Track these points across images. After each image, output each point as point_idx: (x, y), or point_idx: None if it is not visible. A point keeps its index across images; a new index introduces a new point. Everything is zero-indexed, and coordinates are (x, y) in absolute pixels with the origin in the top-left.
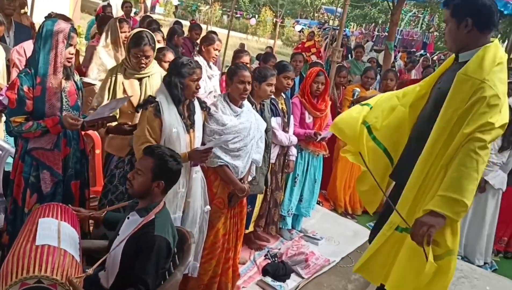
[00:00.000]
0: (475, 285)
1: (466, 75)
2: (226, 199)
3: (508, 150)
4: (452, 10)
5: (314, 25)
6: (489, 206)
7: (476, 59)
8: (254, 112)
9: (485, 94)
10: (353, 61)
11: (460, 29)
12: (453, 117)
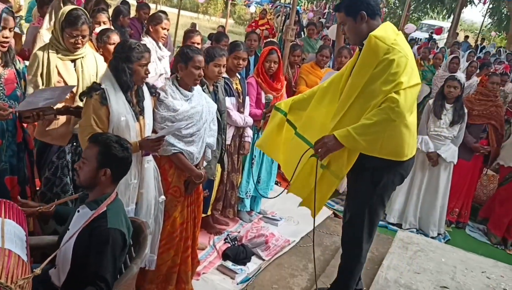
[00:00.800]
0: (431, 258)
1: (376, 37)
2: (182, 187)
3: (458, 124)
4: (346, 11)
5: (265, 3)
6: (442, 179)
7: (380, 28)
8: (204, 94)
9: (394, 56)
10: (306, 39)
11: (358, 23)
12: (365, 76)
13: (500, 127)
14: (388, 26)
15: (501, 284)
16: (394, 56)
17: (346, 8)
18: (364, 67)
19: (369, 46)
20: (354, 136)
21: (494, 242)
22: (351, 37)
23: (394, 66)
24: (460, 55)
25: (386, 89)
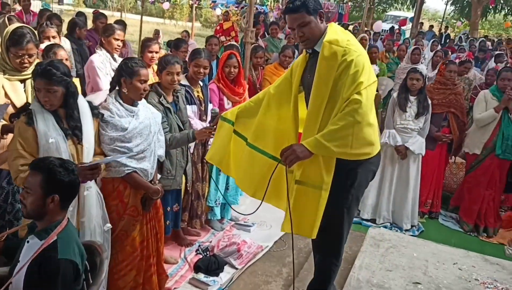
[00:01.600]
0: (403, 253)
1: (330, 43)
2: (139, 206)
3: (423, 115)
4: (307, 11)
5: (231, 4)
6: (411, 171)
7: (331, 32)
8: (148, 105)
9: (352, 57)
10: (270, 39)
11: (318, 22)
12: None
13: (461, 114)
14: (336, 28)
15: (472, 275)
16: (352, 56)
17: (307, 7)
18: (326, 75)
19: (326, 53)
20: (324, 143)
21: (466, 230)
22: (312, 38)
23: (353, 67)
24: (425, 44)
25: (348, 91)
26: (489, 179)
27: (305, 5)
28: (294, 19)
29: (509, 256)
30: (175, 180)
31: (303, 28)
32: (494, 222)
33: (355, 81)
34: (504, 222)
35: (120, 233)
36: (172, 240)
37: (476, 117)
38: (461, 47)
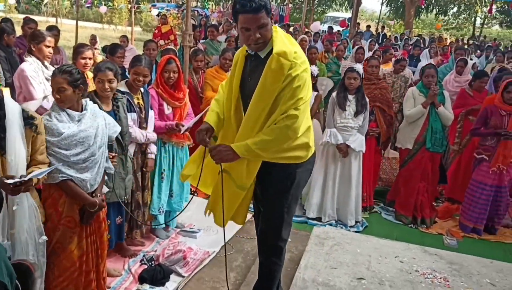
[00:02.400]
0: (347, 250)
1: (278, 55)
2: (77, 217)
3: (362, 113)
4: (267, 12)
5: (172, 8)
6: (353, 168)
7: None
8: (105, 114)
9: (297, 72)
10: (209, 42)
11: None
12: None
13: (387, 108)
14: (281, 35)
15: (413, 266)
16: (297, 71)
17: (267, 8)
18: (271, 87)
19: (273, 66)
20: (255, 151)
21: (406, 222)
22: (265, 40)
23: (296, 81)
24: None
25: (287, 104)
26: (422, 172)
27: (266, 6)
28: (254, 19)
29: (447, 246)
30: (115, 193)
31: (262, 29)
32: (429, 213)
33: (295, 96)
34: (441, 213)
35: (56, 245)
36: (115, 251)
37: (405, 113)
38: (395, 45)
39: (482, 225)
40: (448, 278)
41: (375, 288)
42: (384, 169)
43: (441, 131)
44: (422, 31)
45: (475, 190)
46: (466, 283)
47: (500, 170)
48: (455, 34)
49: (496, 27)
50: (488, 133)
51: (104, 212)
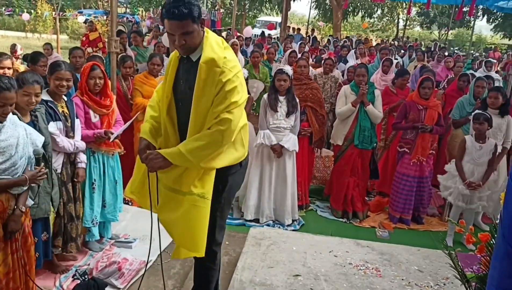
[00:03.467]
0: (284, 249)
1: (206, 64)
2: (0, 232)
3: (293, 114)
4: (192, 19)
5: (99, 14)
6: (288, 168)
7: (208, 48)
8: (25, 125)
9: (228, 77)
10: (135, 48)
11: (200, 30)
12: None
13: (319, 108)
14: (212, 40)
15: (347, 259)
16: (228, 76)
17: (192, 16)
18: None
19: (203, 75)
20: (187, 157)
21: (337, 216)
22: (193, 46)
23: (227, 86)
24: (294, 47)
25: (219, 108)
26: (351, 168)
27: (191, 14)
28: (178, 26)
29: (380, 237)
30: (40, 208)
31: (186, 36)
32: (361, 207)
33: (227, 100)
34: (373, 207)
35: None
36: (45, 268)
37: (337, 111)
38: (324, 47)
39: (409, 215)
40: (380, 268)
41: (311, 284)
42: (318, 168)
43: (370, 129)
44: (350, 33)
45: (399, 182)
46: (396, 271)
47: (420, 161)
48: (381, 35)
49: (417, 29)
50: (407, 127)
51: (29, 226)
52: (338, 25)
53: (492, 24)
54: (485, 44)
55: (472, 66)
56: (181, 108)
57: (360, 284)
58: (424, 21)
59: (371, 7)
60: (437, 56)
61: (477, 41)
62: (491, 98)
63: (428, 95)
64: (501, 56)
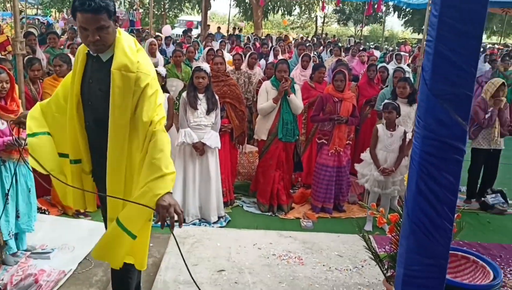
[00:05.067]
0: (208, 246)
1: (120, 70)
2: None
3: (214, 111)
4: (108, 14)
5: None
6: (211, 165)
7: (120, 53)
8: None
9: (146, 82)
10: (50, 50)
11: (114, 27)
12: (127, 112)
13: (238, 104)
14: (124, 43)
15: (270, 251)
16: (146, 81)
17: (108, 10)
18: (123, 104)
19: (118, 82)
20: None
21: (263, 210)
22: (106, 44)
23: (149, 90)
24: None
25: (147, 114)
26: (277, 162)
27: (107, 8)
28: (93, 20)
29: (304, 228)
30: None
31: (101, 31)
32: (286, 199)
33: (152, 104)
34: (297, 199)
35: None
36: None
37: (258, 106)
38: (247, 45)
39: (331, 204)
40: (302, 256)
41: (236, 277)
42: (242, 164)
43: (292, 122)
44: (272, 31)
45: (319, 173)
46: (317, 258)
47: (338, 152)
48: (301, 32)
49: (335, 25)
50: (324, 119)
51: None
52: (259, 23)
53: (402, 19)
54: (397, 39)
55: (384, 59)
56: (89, 106)
57: (283, 274)
58: (340, 18)
59: (290, 5)
60: (351, 51)
61: (390, 36)
62: (399, 88)
63: (341, 87)
64: (411, 49)
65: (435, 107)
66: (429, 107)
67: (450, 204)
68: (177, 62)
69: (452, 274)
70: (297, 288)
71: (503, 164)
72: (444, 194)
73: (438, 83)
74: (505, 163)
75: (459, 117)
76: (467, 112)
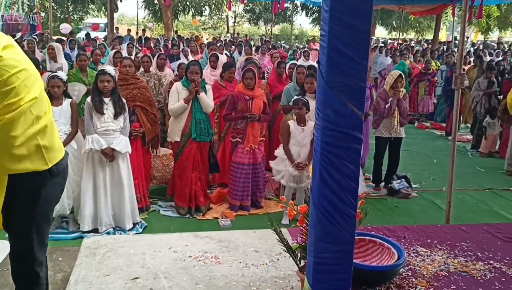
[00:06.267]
0: (121, 254)
1: None
2: None
3: (122, 115)
4: None
5: None
6: (123, 171)
7: None
8: None
9: (2, 77)
10: None
11: None
12: None
13: (149, 107)
14: None
15: (186, 253)
16: (2, 76)
17: None
18: None
19: None
20: None
21: (182, 213)
22: None
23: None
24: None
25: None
26: (192, 162)
27: None
28: None
29: (223, 227)
30: None
31: None
32: (204, 200)
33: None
34: (215, 198)
35: None
36: None
37: (169, 107)
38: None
39: (249, 201)
40: (218, 255)
41: (151, 284)
42: (157, 167)
43: (205, 121)
44: (183, 32)
45: (236, 171)
46: (234, 256)
47: (252, 149)
48: (213, 33)
49: (246, 25)
50: (237, 117)
51: None
52: (169, 24)
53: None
54: (307, 37)
55: (294, 56)
56: None
57: (200, 275)
58: (251, 18)
59: (200, 5)
60: (261, 49)
61: (300, 34)
62: (307, 84)
63: (251, 85)
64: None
65: (332, 99)
66: (327, 99)
67: (352, 191)
68: (82, 66)
69: (361, 258)
70: (214, 287)
71: (407, 151)
72: (346, 181)
73: (333, 76)
74: (408, 150)
75: (355, 107)
76: (361, 102)
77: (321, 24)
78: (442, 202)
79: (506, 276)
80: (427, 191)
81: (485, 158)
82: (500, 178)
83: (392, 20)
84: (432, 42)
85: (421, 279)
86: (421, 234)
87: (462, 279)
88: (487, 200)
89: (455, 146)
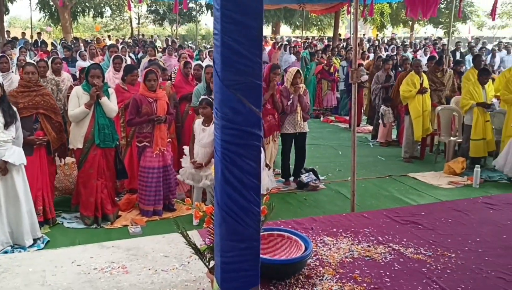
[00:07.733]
0: (18, 273)
1: None
2: None
3: (13, 124)
4: None
5: None
6: (18, 185)
7: None
8: None
9: None
10: None
11: None
12: None
13: (53, 114)
14: None
15: (91, 265)
16: None
17: None
18: None
19: None
20: None
21: (88, 223)
22: None
23: None
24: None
25: None
26: (97, 170)
27: None
28: None
29: (133, 234)
30: None
31: None
32: (112, 208)
33: None
34: (123, 205)
35: None
36: None
37: (69, 113)
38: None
39: (161, 205)
40: (126, 264)
41: None
42: (58, 178)
43: (109, 126)
44: (84, 35)
45: (146, 176)
46: (143, 263)
47: (161, 151)
48: (116, 35)
49: (151, 26)
50: (142, 121)
51: None
52: (68, 26)
53: None
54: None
55: (200, 56)
56: None
57: (106, 287)
58: (156, 18)
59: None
60: (167, 50)
61: (206, 34)
62: (213, 83)
63: (154, 87)
64: None
65: (229, 97)
66: (224, 98)
67: (254, 188)
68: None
69: (270, 253)
70: None
71: (314, 145)
72: (248, 179)
73: (228, 74)
74: (315, 144)
75: (252, 105)
76: (258, 99)
77: (213, 23)
78: (348, 191)
79: (404, 256)
80: (334, 182)
81: (384, 147)
82: (399, 165)
83: (295, 19)
84: (332, 40)
85: (328, 268)
86: (327, 224)
87: (365, 263)
88: (388, 186)
89: (355, 137)
